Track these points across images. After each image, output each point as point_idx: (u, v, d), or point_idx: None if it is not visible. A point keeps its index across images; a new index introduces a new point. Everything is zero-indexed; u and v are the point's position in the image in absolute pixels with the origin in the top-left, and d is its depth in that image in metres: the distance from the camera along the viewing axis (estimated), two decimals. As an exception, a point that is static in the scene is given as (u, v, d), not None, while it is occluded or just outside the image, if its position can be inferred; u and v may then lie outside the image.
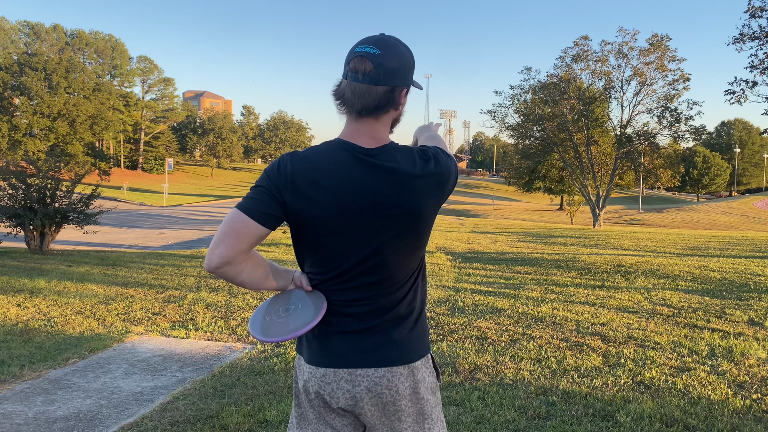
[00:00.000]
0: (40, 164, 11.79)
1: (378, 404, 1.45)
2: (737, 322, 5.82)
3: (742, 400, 3.70)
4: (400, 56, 1.44)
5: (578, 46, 34.59)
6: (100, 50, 68.06)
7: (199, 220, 27.68)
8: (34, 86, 53.75)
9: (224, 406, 3.58)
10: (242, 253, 1.38)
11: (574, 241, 16.82)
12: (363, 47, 1.42)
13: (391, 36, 1.47)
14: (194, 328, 5.56)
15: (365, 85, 1.41)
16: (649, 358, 4.57)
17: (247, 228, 1.37)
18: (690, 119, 32.86)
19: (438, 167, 1.47)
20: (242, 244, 1.36)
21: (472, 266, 10.16)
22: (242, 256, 1.38)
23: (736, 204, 62.65)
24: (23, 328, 5.43)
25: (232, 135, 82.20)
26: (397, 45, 1.45)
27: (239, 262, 1.38)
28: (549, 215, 51.72)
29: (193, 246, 15.70)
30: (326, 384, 1.46)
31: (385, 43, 1.43)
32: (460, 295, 7.17)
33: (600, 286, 7.96)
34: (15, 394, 3.83)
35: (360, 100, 1.42)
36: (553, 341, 5.06)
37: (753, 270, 9.23)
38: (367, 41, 1.43)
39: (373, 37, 1.45)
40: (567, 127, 34.20)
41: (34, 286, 7.43)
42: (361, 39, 1.46)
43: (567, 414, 3.46)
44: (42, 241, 11.57)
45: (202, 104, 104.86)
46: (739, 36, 20.71)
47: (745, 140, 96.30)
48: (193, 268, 9.67)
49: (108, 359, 4.60)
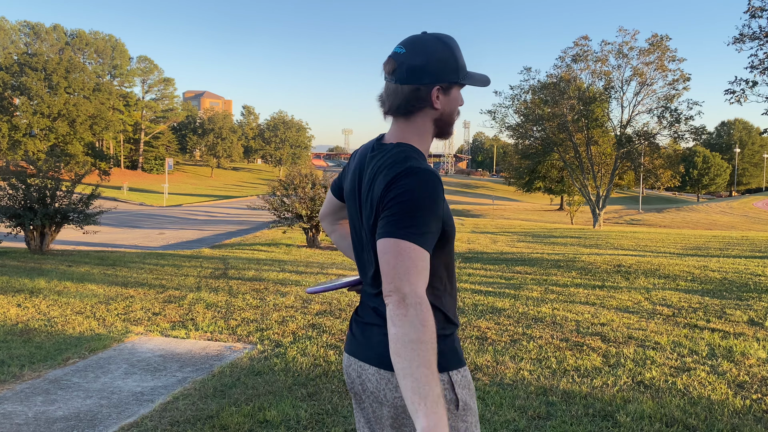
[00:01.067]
0: (40, 164, 11.79)
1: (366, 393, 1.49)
2: (737, 322, 5.82)
3: (742, 400, 3.70)
4: (427, 53, 1.40)
5: (578, 46, 34.61)
6: (100, 50, 68.06)
7: (199, 220, 27.68)
8: (34, 86, 53.74)
9: (224, 406, 3.58)
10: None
11: (574, 241, 16.82)
12: (395, 48, 1.44)
13: (430, 34, 1.45)
14: (194, 328, 5.56)
15: (393, 84, 1.42)
16: (649, 358, 4.57)
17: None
18: (690, 119, 32.90)
19: (381, 183, 1.36)
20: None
21: (472, 266, 10.16)
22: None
23: (736, 204, 62.64)
24: (23, 328, 5.43)
25: (232, 135, 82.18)
26: (427, 42, 1.42)
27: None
28: (549, 215, 51.71)
29: (193, 246, 15.70)
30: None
31: (414, 41, 1.42)
32: (460, 295, 7.17)
33: (600, 286, 7.96)
34: (15, 394, 3.83)
35: (389, 99, 1.44)
36: (553, 341, 5.06)
37: (753, 270, 9.23)
38: (401, 41, 1.45)
39: (408, 37, 1.45)
40: (567, 127, 34.21)
41: (34, 286, 7.43)
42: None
43: (567, 414, 3.46)
44: (42, 241, 11.57)
45: (202, 104, 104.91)
46: (739, 36, 20.71)
47: (745, 140, 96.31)
48: (193, 268, 9.67)
49: (108, 359, 4.60)
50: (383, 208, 1.32)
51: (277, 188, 14.66)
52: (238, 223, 25.68)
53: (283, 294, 7.24)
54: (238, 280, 8.30)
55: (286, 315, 6.08)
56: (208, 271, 9.22)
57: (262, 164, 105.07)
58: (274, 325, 5.66)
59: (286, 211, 13.99)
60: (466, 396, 1.41)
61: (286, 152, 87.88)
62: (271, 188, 15.05)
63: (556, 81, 34.85)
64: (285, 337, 5.21)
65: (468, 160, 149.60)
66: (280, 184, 14.77)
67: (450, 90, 1.45)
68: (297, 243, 14.91)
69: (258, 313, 6.19)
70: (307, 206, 13.75)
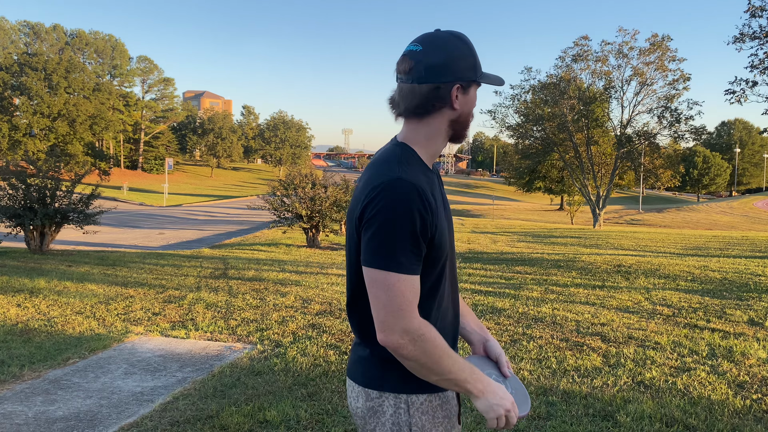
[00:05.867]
0: (40, 164, 11.78)
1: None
2: (737, 322, 5.82)
3: (742, 400, 3.70)
4: (446, 50, 1.33)
5: (578, 46, 34.59)
6: (100, 50, 68.04)
7: (199, 220, 27.68)
8: (34, 86, 53.70)
9: (224, 406, 3.58)
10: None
11: (574, 241, 16.81)
12: (408, 46, 1.36)
13: (446, 31, 1.37)
14: (194, 328, 5.56)
15: (408, 85, 1.34)
16: (649, 358, 4.57)
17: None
18: (690, 119, 32.88)
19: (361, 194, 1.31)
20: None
21: (472, 266, 10.15)
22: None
23: (736, 204, 62.64)
24: (23, 328, 5.43)
25: (232, 135, 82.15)
26: (444, 39, 1.35)
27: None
28: (549, 215, 51.70)
29: (193, 246, 15.70)
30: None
31: (430, 39, 1.35)
32: (461, 295, 7.17)
33: (600, 286, 7.96)
34: (15, 394, 3.82)
35: (404, 101, 1.36)
36: (553, 341, 5.06)
37: (753, 270, 9.22)
38: (415, 39, 1.37)
39: (423, 35, 1.37)
40: (567, 127, 34.21)
41: (34, 286, 7.42)
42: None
43: (567, 414, 3.45)
44: (42, 241, 11.57)
45: (202, 104, 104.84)
46: (739, 36, 20.68)
47: (745, 140, 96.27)
48: (193, 268, 9.67)
49: (108, 359, 4.59)
50: (363, 225, 1.26)
51: (277, 188, 14.66)
52: (238, 223, 25.68)
53: (283, 294, 7.24)
54: (238, 280, 8.30)
55: (286, 315, 6.08)
56: (208, 271, 9.21)
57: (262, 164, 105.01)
58: (274, 325, 5.66)
59: (286, 211, 13.99)
60: (426, 422, 1.35)
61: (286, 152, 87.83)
62: (271, 188, 15.05)
63: (557, 81, 34.83)
64: (285, 337, 5.21)
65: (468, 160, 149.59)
66: (280, 184, 14.78)
67: (468, 89, 1.38)
68: (297, 243, 14.91)
69: (258, 313, 6.19)
70: (307, 206, 13.75)
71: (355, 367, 1.41)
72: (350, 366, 1.44)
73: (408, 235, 1.22)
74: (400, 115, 1.38)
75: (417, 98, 1.34)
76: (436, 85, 1.33)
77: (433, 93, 1.33)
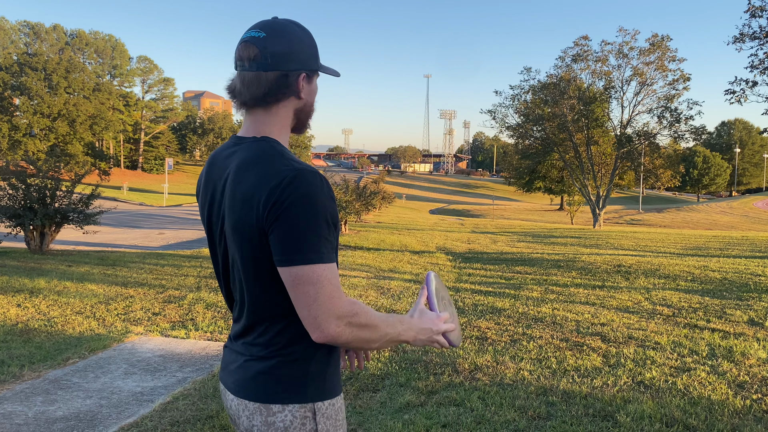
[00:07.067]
0: (40, 164, 11.78)
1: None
2: (737, 322, 5.82)
3: (742, 401, 3.70)
4: (290, 38, 1.29)
5: (578, 46, 34.65)
6: (100, 50, 68.06)
7: (198, 220, 27.64)
8: (34, 86, 53.72)
9: (224, 407, 3.58)
10: None
11: (574, 241, 16.81)
12: (249, 33, 1.29)
13: (284, 19, 1.33)
14: (194, 328, 5.56)
15: (253, 72, 1.28)
16: (649, 358, 4.57)
17: None
18: (690, 119, 32.94)
19: (259, 190, 1.23)
20: None
21: (472, 266, 10.15)
22: None
23: (736, 204, 62.65)
24: (23, 328, 5.43)
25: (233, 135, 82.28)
26: (288, 26, 1.31)
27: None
28: (549, 215, 51.71)
29: (193, 246, 15.70)
30: None
31: (273, 26, 1.30)
32: (461, 296, 7.17)
33: (600, 286, 7.96)
34: (15, 394, 3.82)
35: (249, 89, 1.29)
36: (553, 341, 5.06)
37: (753, 270, 9.22)
38: (254, 26, 1.30)
39: (261, 22, 1.31)
40: (567, 127, 34.24)
41: (34, 286, 7.42)
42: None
43: (567, 414, 3.45)
44: (42, 241, 11.57)
45: (202, 104, 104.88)
46: (739, 36, 20.70)
47: (745, 140, 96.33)
48: (193, 268, 9.67)
49: (108, 359, 4.59)
50: (272, 226, 1.19)
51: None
52: (238, 223, 25.65)
53: (283, 294, 7.23)
54: (238, 280, 8.29)
55: (286, 315, 6.07)
56: (208, 271, 9.21)
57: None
58: (274, 325, 5.65)
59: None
60: (330, 426, 1.34)
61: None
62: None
63: (557, 81, 34.88)
64: (285, 337, 5.20)
65: (468, 160, 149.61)
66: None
67: (312, 78, 1.35)
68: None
69: (258, 313, 6.18)
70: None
71: (250, 384, 1.31)
72: (242, 384, 1.33)
73: (324, 224, 1.19)
74: (244, 104, 1.32)
75: (264, 86, 1.28)
76: (284, 72, 1.29)
77: (281, 81, 1.29)
